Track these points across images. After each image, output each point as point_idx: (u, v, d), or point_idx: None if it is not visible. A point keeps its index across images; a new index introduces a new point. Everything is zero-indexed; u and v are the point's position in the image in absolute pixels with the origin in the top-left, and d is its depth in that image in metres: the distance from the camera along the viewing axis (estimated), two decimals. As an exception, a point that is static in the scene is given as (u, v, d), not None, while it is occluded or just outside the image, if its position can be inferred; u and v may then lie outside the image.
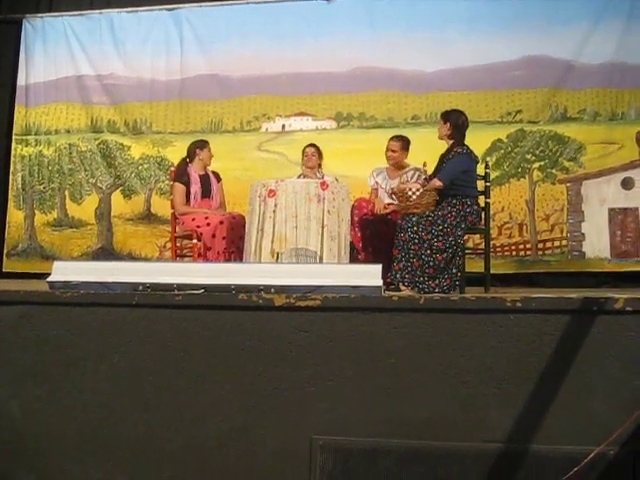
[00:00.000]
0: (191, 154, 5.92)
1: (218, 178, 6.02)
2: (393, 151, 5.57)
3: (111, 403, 3.26)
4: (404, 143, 5.59)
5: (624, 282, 6.34)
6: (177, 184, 5.81)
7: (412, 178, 5.35)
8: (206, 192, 5.87)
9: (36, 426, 3.30)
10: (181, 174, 5.84)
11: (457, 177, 4.91)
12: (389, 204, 5.43)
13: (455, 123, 5.06)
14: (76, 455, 3.26)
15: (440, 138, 5.15)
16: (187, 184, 5.80)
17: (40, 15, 7.93)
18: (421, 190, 4.88)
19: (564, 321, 2.97)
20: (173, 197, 5.87)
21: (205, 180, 5.89)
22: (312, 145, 6.02)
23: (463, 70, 7.07)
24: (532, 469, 2.93)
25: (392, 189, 5.23)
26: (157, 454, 3.21)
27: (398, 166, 5.60)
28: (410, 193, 4.86)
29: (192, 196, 5.80)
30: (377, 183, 5.69)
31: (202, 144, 5.96)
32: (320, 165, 5.95)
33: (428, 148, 5.61)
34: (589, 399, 2.95)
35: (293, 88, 7.41)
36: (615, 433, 2.75)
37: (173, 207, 5.88)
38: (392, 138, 5.66)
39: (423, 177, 5.28)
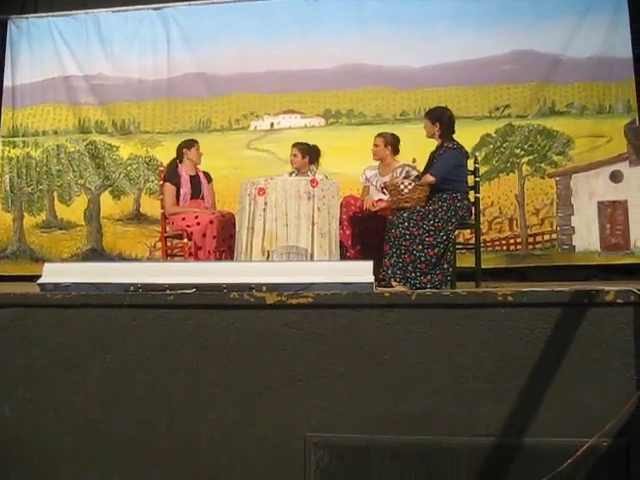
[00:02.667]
0: (180, 155, 5.90)
1: (209, 179, 6.01)
2: (375, 145, 5.66)
3: (104, 404, 3.25)
4: (386, 139, 5.66)
5: (614, 274, 6.37)
6: (167, 184, 5.79)
7: (401, 174, 5.36)
8: (196, 193, 5.85)
9: (29, 428, 3.29)
10: (171, 174, 5.82)
11: (449, 172, 4.92)
12: (379, 200, 5.44)
13: (442, 120, 5.08)
14: (70, 456, 3.25)
15: (429, 137, 5.17)
16: (177, 185, 5.78)
17: (25, 16, 7.89)
18: (413, 185, 4.89)
19: (555, 314, 2.98)
20: (163, 197, 5.84)
21: (195, 181, 5.87)
22: (295, 145, 5.96)
23: (451, 65, 7.09)
24: (526, 462, 2.94)
25: (384, 183, 5.24)
26: (151, 453, 3.20)
27: (384, 162, 5.64)
28: (402, 187, 4.87)
29: (181, 197, 5.78)
30: (368, 180, 5.72)
31: (189, 143, 5.93)
32: (310, 162, 5.92)
33: (417, 144, 5.60)
34: (582, 391, 2.95)
35: (281, 86, 7.40)
36: (608, 425, 2.76)
37: (163, 207, 5.86)
38: (377, 134, 5.76)
39: (414, 173, 5.29)
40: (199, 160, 5.95)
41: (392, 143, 5.66)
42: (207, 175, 6.01)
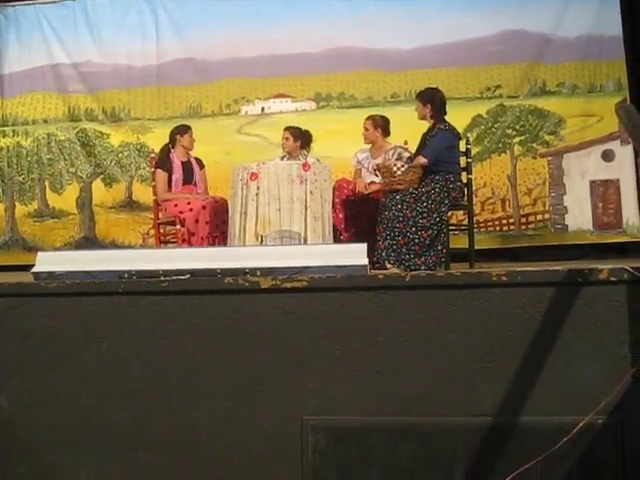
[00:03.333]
0: (172, 140, 5.88)
1: (201, 164, 5.99)
2: (365, 129, 5.63)
3: (100, 392, 3.26)
4: (375, 122, 5.63)
5: (607, 253, 6.39)
6: (159, 171, 5.77)
7: (393, 156, 5.35)
8: (188, 179, 5.83)
9: (26, 418, 3.29)
10: (163, 161, 5.80)
11: (441, 153, 4.92)
12: (371, 183, 5.43)
13: (433, 101, 5.07)
14: (67, 445, 3.26)
15: (420, 119, 5.17)
16: (169, 171, 5.76)
17: (12, 4, 7.80)
18: (405, 167, 4.89)
19: (549, 293, 2.99)
20: (155, 184, 5.83)
21: (187, 167, 5.85)
22: (287, 129, 5.92)
23: (441, 47, 7.06)
24: (522, 441, 2.95)
25: (376, 166, 5.24)
26: (148, 441, 3.20)
27: (375, 145, 5.63)
28: (395, 169, 4.87)
29: (173, 183, 5.76)
30: (360, 163, 5.70)
31: (183, 130, 5.91)
32: (302, 147, 5.90)
33: (409, 126, 5.58)
34: (576, 370, 2.97)
35: (271, 70, 7.35)
36: (603, 402, 2.78)
37: (155, 194, 5.85)
38: (366, 118, 5.73)
39: (406, 155, 5.28)
40: (192, 147, 5.93)
41: (382, 125, 5.64)
42: (199, 161, 5.99)
